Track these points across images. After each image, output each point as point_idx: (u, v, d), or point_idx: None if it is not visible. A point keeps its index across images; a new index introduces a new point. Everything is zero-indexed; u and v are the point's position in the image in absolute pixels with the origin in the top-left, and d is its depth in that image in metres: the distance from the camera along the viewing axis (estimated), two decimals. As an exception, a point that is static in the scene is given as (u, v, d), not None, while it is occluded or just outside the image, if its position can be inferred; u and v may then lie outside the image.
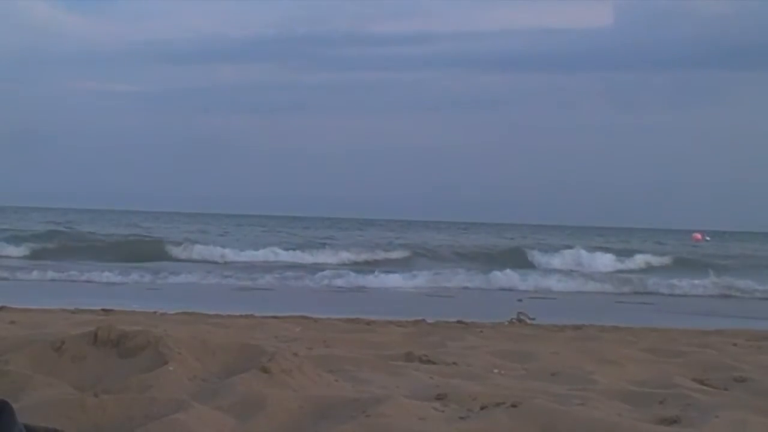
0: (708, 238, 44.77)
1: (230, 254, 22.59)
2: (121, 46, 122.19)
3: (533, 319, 9.95)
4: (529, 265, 22.86)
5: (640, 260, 24.57)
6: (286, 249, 23.89)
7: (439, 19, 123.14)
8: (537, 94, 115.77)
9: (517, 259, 23.62)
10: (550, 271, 20.86)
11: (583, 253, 24.53)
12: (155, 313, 8.98)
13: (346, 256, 23.19)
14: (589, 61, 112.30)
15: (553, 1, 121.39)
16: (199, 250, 22.93)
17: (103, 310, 8.89)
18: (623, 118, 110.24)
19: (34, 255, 21.09)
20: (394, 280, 17.44)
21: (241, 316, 8.81)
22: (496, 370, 5.01)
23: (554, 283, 17.65)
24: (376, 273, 18.15)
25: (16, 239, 23.86)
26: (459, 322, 9.05)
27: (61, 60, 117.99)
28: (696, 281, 18.12)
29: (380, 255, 24.05)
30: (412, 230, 49.50)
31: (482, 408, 3.53)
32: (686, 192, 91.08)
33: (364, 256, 23.49)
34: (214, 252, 22.85)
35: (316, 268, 19.05)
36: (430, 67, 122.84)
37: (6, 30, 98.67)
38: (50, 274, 15.89)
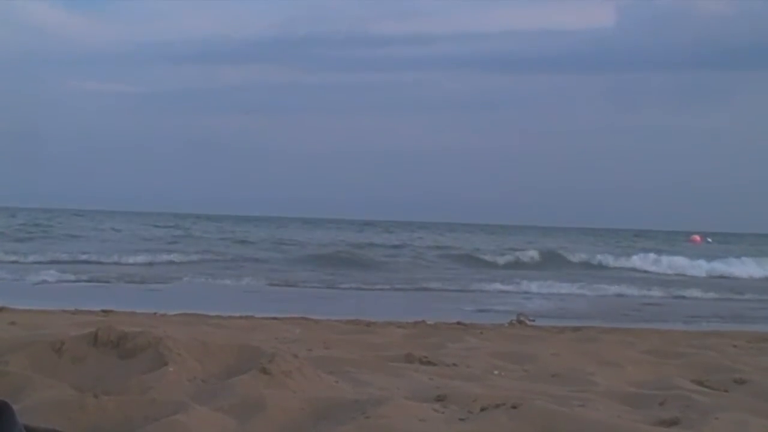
0: (709, 240, 44.71)
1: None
2: (121, 47, 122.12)
3: (533, 320, 9.96)
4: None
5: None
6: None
7: (439, 20, 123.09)
8: (538, 96, 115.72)
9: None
10: None
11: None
12: (155, 314, 8.98)
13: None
14: (590, 63, 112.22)
15: (554, 3, 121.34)
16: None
17: (103, 311, 8.89)
18: (625, 120, 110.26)
19: None
20: None
21: (241, 317, 8.82)
22: (496, 372, 5.01)
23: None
24: None
25: None
26: (459, 323, 9.06)
27: (61, 60, 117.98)
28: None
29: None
30: (410, 231, 49.49)
31: (482, 409, 3.53)
32: (688, 193, 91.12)
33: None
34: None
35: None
36: (431, 69, 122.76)
37: (5, 30, 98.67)
38: None
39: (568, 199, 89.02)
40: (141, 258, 20.74)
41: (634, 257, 25.16)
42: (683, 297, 16.57)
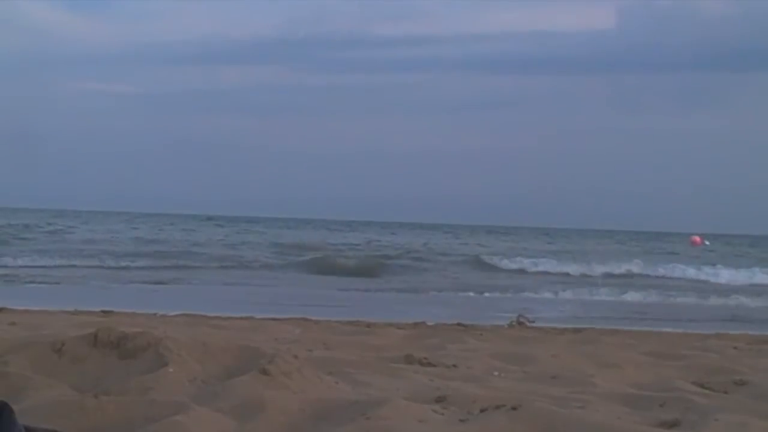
0: (707, 242, 44.64)
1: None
2: (122, 47, 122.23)
3: (533, 321, 9.96)
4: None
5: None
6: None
7: (440, 21, 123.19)
8: (539, 97, 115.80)
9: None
10: None
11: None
12: (155, 314, 8.98)
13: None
14: (592, 64, 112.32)
15: (555, 4, 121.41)
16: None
17: (102, 311, 8.89)
18: (627, 121, 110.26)
19: None
20: None
21: (241, 318, 8.82)
22: (495, 373, 5.01)
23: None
24: None
25: None
26: (459, 324, 9.05)
27: (62, 61, 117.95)
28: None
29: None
30: (413, 232, 49.50)
31: (482, 411, 3.53)
32: (689, 195, 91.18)
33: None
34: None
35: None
36: (432, 70, 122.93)
37: (6, 31, 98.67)
38: None
39: (569, 200, 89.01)
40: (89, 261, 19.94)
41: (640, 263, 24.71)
42: (684, 299, 16.58)
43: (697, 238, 44.19)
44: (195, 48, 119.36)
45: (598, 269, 22.75)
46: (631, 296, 16.65)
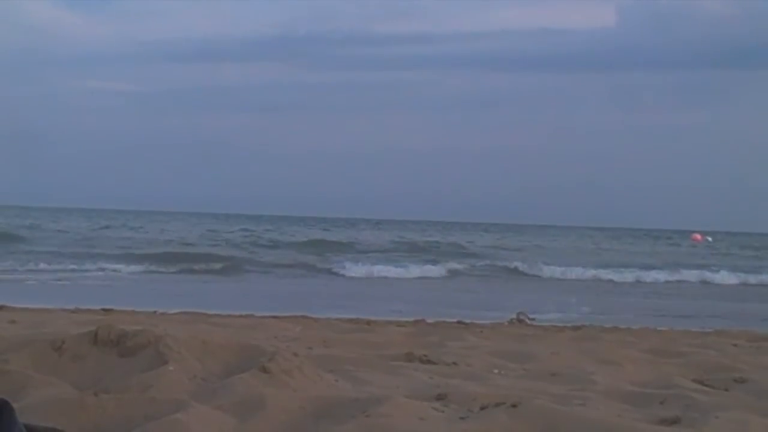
0: (710, 239, 44.65)
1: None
2: (122, 46, 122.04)
3: (533, 319, 9.97)
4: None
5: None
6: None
7: (440, 20, 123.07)
8: (539, 95, 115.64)
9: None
10: None
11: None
12: (155, 312, 8.99)
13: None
14: (591, 62, 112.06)
15: (555, 2, 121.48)
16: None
17: (103, 309, 8.89)
18: (626, 119, 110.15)
19: None
20: None
21: (241, 315, 8.81)
22: (495, 371, 5.01)
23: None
24: None
25: None
26: (459, 322, 9.05)
27: (63, 59, 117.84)
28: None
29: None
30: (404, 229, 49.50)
31: (482, 408, 3.53)
32: (689, 193, 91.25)
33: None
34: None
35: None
36: (432, 68, 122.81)
37: (6, 29, 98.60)
38: None
39: (568, 197, 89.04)
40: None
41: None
42: (684, 297, 16.57)
43: (698, 236, 44.20)
44: (196, 46, 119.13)
45: (597, 267, 22.75)
46: (630, 293, 16.64)
